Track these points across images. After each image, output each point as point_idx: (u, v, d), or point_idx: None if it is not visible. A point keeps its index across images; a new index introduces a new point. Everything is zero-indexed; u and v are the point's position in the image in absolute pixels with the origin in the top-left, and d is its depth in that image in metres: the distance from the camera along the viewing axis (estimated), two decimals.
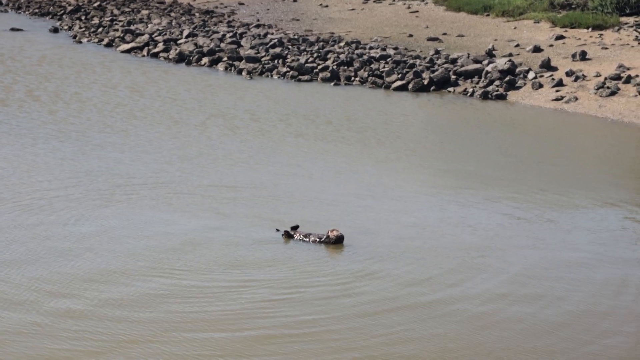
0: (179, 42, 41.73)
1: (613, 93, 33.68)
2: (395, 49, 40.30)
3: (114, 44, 42.62)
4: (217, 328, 14.10)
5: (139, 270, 16.05)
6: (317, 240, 17.67)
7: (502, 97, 34.71)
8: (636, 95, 33.08)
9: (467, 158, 25.65)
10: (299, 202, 20.31)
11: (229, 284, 15.68)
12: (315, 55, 38.77)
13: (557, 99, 33.79)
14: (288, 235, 17.92)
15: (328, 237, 17.62)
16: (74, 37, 44.47)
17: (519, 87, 35.23)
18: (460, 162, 25.13)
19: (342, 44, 40.97)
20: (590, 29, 42.31)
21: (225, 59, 39.07)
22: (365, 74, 36.94)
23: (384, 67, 37.27)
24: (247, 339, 13.85)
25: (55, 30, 46.49)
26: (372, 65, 37.56)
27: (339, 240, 17.58)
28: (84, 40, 43.80)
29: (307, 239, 17.71)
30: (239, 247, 17.38)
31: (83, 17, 49.09)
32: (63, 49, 41.54)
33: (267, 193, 20.81)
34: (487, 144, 27.65)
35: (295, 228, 18.04)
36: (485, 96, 34.72)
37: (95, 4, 52.35)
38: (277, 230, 18.18)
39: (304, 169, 23.38)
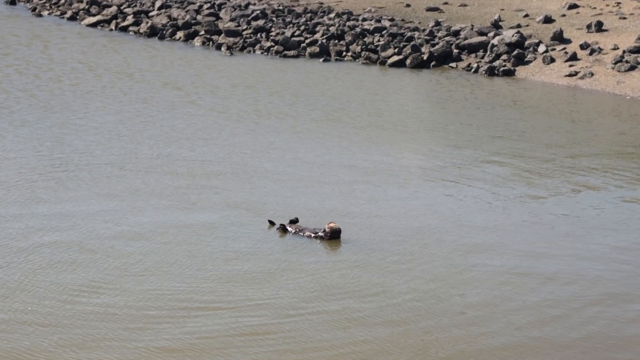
0: (150, 14, 41.48)
1: (632, 67, 33.61)
2: (391, 20, 40.15)
3: (78, 17, 42.35)
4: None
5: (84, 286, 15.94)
6: (312, 235, 17.60)
7: (509, 73, 34.63)
8: None
9: (469, 144, 25.56)
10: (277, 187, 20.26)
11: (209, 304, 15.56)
12: (302, 28, 38.60)
13: (570, 75, 33.75)
14: (283, 230, 17.88)
15: (325, 231, 17.54)
16: (33, 9, 44.16)
17: (528, 62, 35.15)
18: (461, 149, 25.05)
19: (332, 15, 40.80)
20: None
21: (202, 32, 38.88)
22: (358, 49, 36.80)
23: (378, 41, 37.11)
24: None
25: (12, 2, 46.16)
26: (365, 39, 37.40)
27: (334, 235, 17.49)
28: (45, 12, 43.52)
29: (302, 234, 17.67)
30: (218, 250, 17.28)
31: None
32: (18, 21, 41.25)
33: (221, 169, 20.77)
34: (493, 126, 27.58)
35: (294, 221, 18.00)
36: (491, 72, 34.64)
37: None
38: (272, 223, 18.08)
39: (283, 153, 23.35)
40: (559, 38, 36.50)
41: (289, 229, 17.84)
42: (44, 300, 14.70)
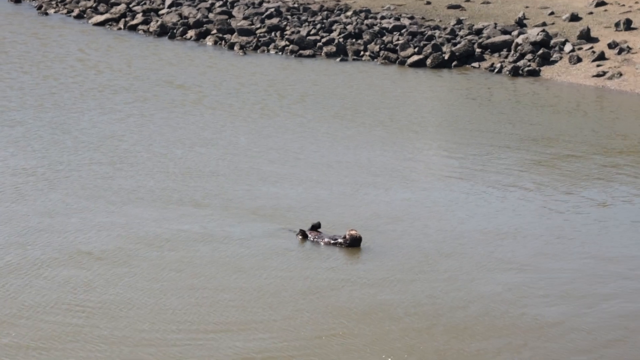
0: (160, 12, 41.53)
1: None
2: (411, 18, 40.12)
3: (85, 15, 42.43)
4: None
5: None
6: (330, 242, 17.56)
7: (534, 73, 34.68)
8: None
9: (493, 149, 25.50)
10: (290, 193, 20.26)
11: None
12: (318, 26, 38.63)
13: (598, 75, 33.74)
14: (304, 236, 17.90)
15: (344, 237, 17.50)
16: (39, 7, 44.24)
17: (554, 62, 35.17)
18: (486, 156, 24.99)
19: (349, 13, 40.79)
20: None
21: (214, 31, 38.91)
22: (377, 48, 36.84)
23: (397, 40, 37.15)
24: None
25: (17, 0, 46.28)
26: (384, 38, 37.45)
27: (354, 243, 17.44)
28: (51, 11, 43.60)
29: (320, 241, 17.62)
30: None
31: None
32: (22, 19, 41.29)
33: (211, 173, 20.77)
34: (518, 129, 27.53)
35: (316, 226, 18.00)
36: (515, 72, 34.68)
37: None
38: (292, 231, 18.15)
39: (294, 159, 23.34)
40: (586, 37, 36.47)
41: (310, 235, 17.79)
42: (28, 310, 14.71)
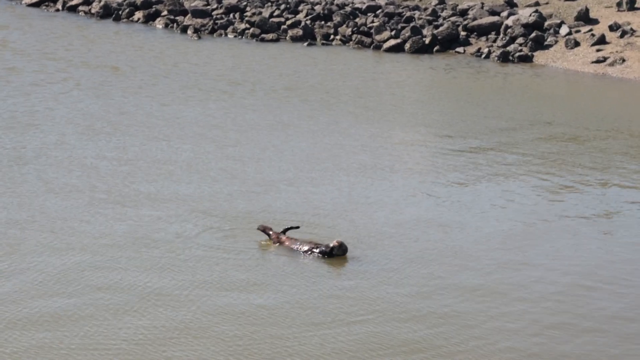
0: None
1: None
2: None
3: None
4: None
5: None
6: (311, 251, 17.01)
7: (526, 58, 34.80)
8: None
9: (475, 142, 25.28)
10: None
11: None
12: (282, 7, 38.53)
13: (598, 61, 33.83)
14: (267, 234, 17.33)
15: (327, 247, 16.93)
16: None
17: (548, 46, 35.29)
18: (470, 152, 24.70)
19: None
20: None
21: (165, 13, 38.82)
22: (349, 31, 36.83)
23: (372, 22, 37.12)
24: None
25: None
26: (357, 20, 37.43)
27: (330, 254, 16.81)
28: None
29: (297, 248, 17.07)
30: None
31: None
32: None
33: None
34: (505, 121, 27.37)
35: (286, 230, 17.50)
36: (505, 58, 34.78)
37: None
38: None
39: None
40: (585, 18, 36.55)
41: (286, 241, 17.28)
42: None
